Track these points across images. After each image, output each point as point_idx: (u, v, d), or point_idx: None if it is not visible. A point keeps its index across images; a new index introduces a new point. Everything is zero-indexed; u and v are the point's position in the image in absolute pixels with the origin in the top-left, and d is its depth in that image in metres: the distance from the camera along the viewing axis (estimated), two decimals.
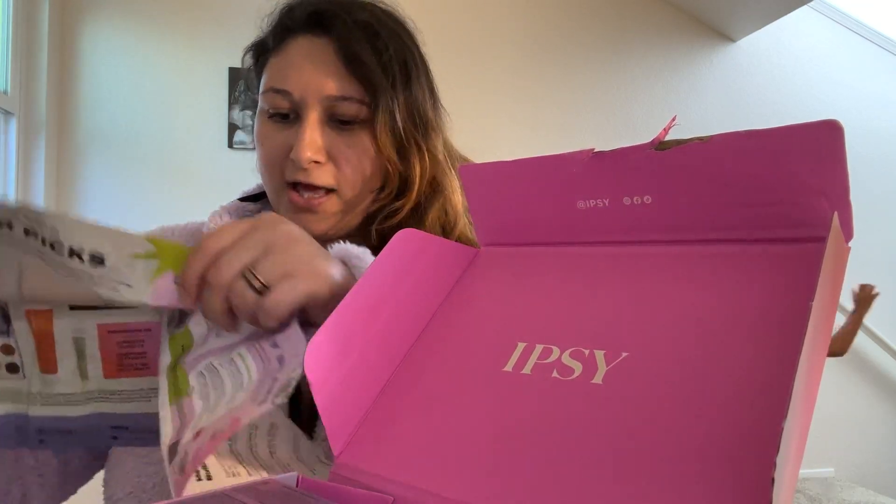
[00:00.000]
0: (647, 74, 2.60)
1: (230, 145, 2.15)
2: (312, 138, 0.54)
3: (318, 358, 0.31)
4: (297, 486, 0.32)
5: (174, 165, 2.12)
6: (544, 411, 0.27)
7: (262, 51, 0.60)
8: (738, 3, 2.45)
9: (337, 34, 0.55)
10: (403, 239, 0.36)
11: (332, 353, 0.32)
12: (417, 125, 0.58)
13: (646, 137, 0.31)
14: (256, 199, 0.65)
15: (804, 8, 2.44)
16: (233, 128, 2.17)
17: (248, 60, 0.62)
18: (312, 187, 0.55)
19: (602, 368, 0.27)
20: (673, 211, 0.31)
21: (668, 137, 0.30)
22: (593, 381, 0.27)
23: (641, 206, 0.32)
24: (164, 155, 2.12)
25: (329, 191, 0.56)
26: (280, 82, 0.55)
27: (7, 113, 1.94)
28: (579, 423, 0.26)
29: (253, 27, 0.61)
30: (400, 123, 0.56)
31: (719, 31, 2.66)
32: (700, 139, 0.28)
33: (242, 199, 0.65)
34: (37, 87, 2.02)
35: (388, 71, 0.56)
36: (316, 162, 0.54)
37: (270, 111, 0.56)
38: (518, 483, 0.26)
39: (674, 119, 0.31)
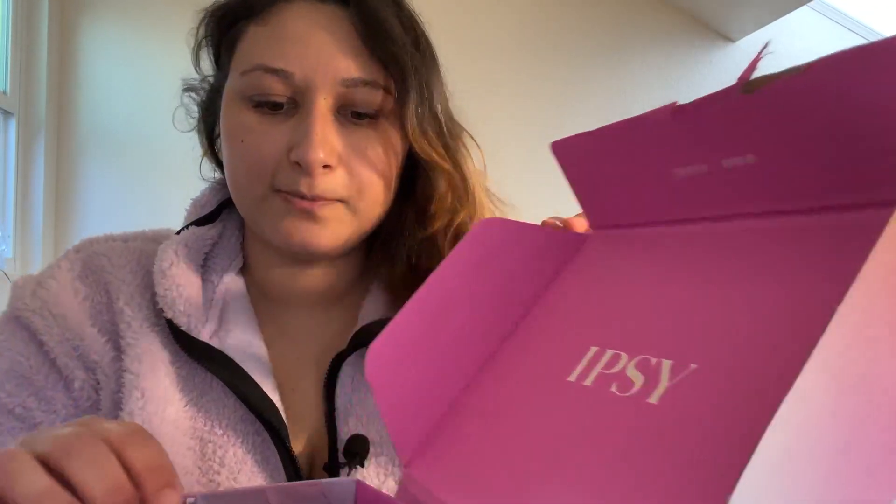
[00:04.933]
0: (646, 74, 2.60)
1: None
2: (324, 135, 0.41)
3: (380, 361, 0.29)
4: (356, 492, 0.31)
5: (174, 165, 2.12)
6: (587, 433, 0.24)
7: (235, 16, 0.46)
8: (738, 3, 2.44)
9: (353, 0, 0.43)
10: (485, 228, 0.32)
11: (398, 355, 0.30)
12: (453, 123, 0.49)
13: None
14: (213, 216, 0.51)
15: (804, 8, 2.43)
16: None
17: (207, 29, 0.49)
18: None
19: (663, 384, 0.23)
20: (780, 171, 0.24)
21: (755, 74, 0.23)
22: (648, 400, 0.23)
23: (744, 167, 0.25)
24: (164, 155, 2.12)
25: (337, 199, 0.44)
26: (274, 59, 0.42)
27: (6, 113, 1.94)
28: (617, 452, 0.22)
29: None
30: (438, 116, 0.46)
31: (719, 31, 2.65)
32: (796, 70, 0.22)
33: (199, 222, 0.50)
34: (36, 87, 2.02)
35: (417, 51, 0.44)
36: (326, 166, 0.42)
37: (256, 98, 0.43)
38: None
39: (766, 46, 0.23)
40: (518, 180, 0.57)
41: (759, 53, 0.23)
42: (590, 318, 0.29)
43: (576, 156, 0.33)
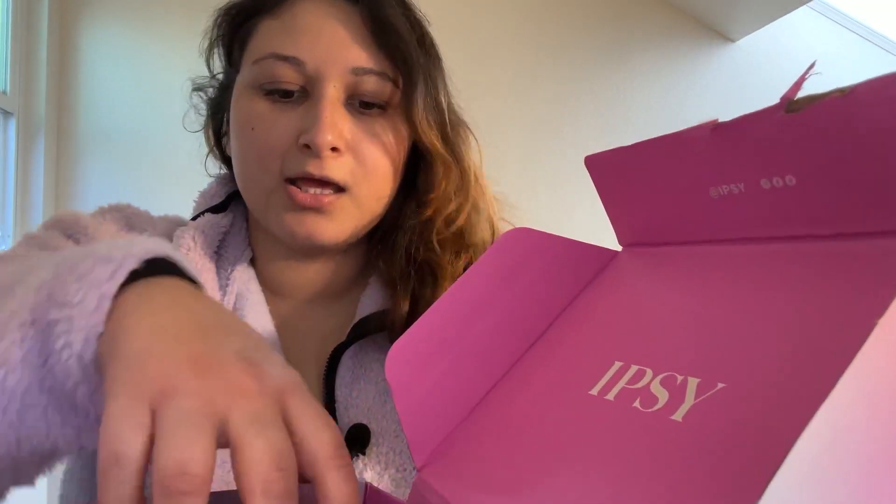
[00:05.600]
0: (645, 74, 2.60)
1: None
2: (334, 119, 0.43)
3: (401, 362, 0.29)
4: (365, 492, 0.31)
5: (174, 165, 2.12)
6: (607, 447, 0.23)
7: (248, 13, 0.48)
8: (738, 3, 2.44)
9: None
10: (515, 237, 0.32)
11: (420, 357, 0.29)
12: (455, 117, 0.50)
13: (645, 138, 0.28)
14: (224, 206, 0.53)
15: (804, 8, 2.43)
16: None
17: (220, 28, 0.51)
18: (321, 183, 0.44)
19: (688, 402, 0.22)
20: (819, 194, 0.24)
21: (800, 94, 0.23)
22: (672, 418, 0.22)
23: (783, 189, 0.25)
24: (164, 155, 2.12)
25: (339, 189, 0.45)
26: (288, 48, 0.43)
27: (6, 113, 1.94)
28: (637, 466, 0.22)
29: None
30: (441, 109, 0.47)
31: (719, 32, 2.65)
32: (840, 91, 0.21)
33: (214, 210, 0.52)
34: (36, 87, 2.02)
35: (423, 48, 0.46)
36: (334, 149, 0.43)
37: (267, 86, 0.45)
38: None
39: (812, 67, 0.23)
40: (517, 179, 0.57)
41: (805, 73, 0.23)
42: (615, 333, 0.29)
43: (609, 171, 0.33)
